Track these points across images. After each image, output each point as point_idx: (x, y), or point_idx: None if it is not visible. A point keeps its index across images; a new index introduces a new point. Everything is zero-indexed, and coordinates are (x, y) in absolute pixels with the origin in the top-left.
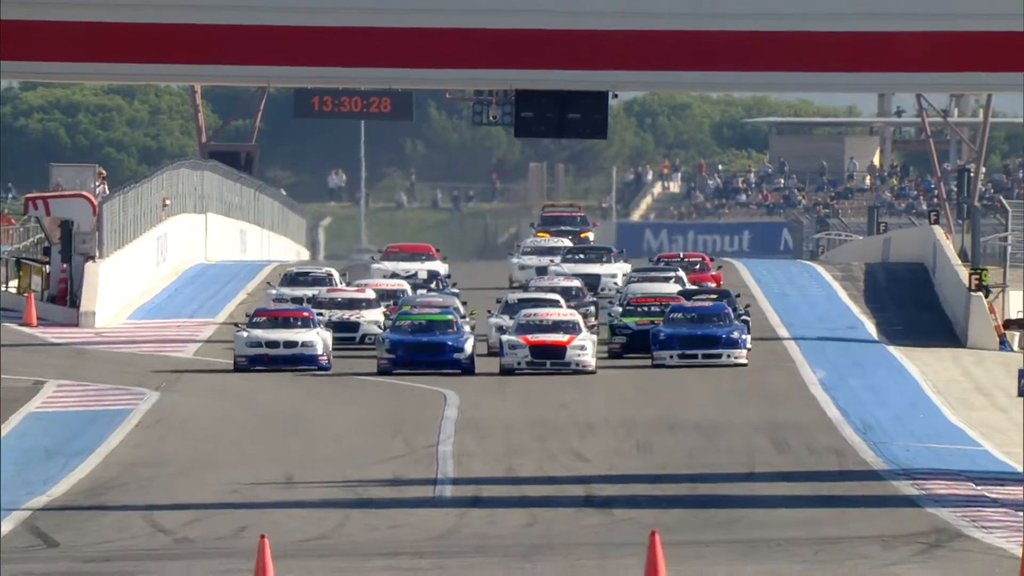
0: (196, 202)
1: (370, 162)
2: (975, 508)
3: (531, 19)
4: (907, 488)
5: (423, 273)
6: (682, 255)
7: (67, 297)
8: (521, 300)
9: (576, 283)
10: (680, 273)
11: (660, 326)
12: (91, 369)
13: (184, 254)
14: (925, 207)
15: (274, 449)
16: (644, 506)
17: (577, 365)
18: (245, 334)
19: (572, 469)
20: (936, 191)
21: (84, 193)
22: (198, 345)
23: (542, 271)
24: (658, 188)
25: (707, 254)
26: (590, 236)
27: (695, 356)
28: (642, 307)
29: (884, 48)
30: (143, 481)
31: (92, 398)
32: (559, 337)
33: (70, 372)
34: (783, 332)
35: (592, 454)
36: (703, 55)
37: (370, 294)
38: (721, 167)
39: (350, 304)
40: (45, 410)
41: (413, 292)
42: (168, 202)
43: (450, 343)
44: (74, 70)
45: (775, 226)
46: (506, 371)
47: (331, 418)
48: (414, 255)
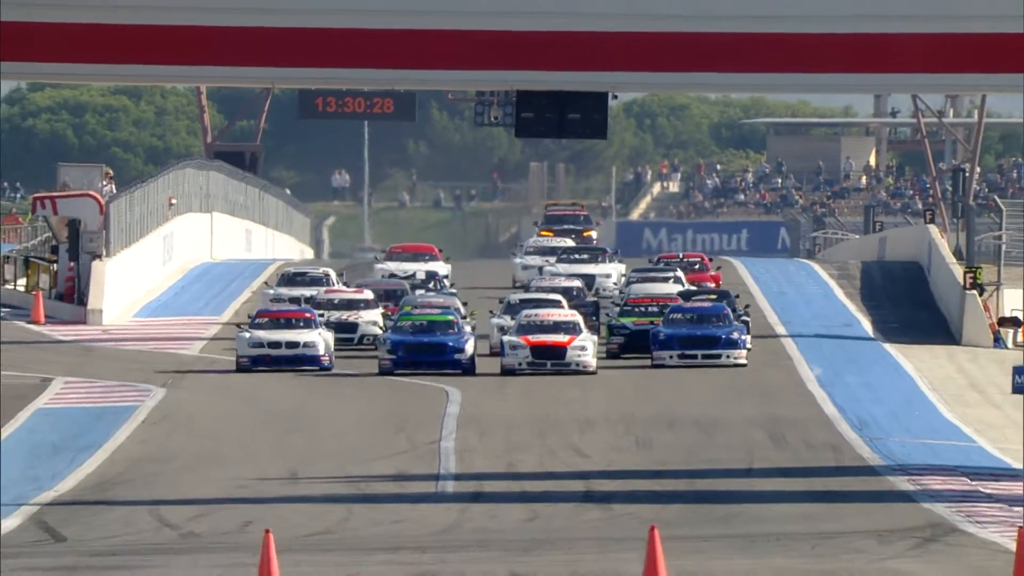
0: (202, 201)
1: (373, 162)
2: (970, 503)
3: (531, 21)
4: (903, 483)
5: (421, 273)
6: (681, 255)
7: (74, 295)
8: (523, 300)
9: (577, 283)
10: (679, 273)
11: (660, 326)
12: (98, 366)
13: (190, 253)
14: (920, 206)
15: (278, 445)
16: (643, 501)
17: (578, 365)
18: (247, 335)
19: (572, 465)
20: (931, 190)
21: (91, 193)
22: (203, 342)
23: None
24: (657, 188)
25: (705, 253)
26: (593, 235)
27: (695, 356)
28: (639, 307)
29: (882, 49)
30: (149, 477)
31: (99, 395)
32: (560, 338)
33: (77, 369)
34: (780, 330)
35: (592, 450)
36: (702, 56)
37: (368, 295)
38: (719, 167)
39: (348, 305)
40: (53, 406)
41: (412, 292)
42: (174, 201)
43: (451, 344)
44: (76, 71)
45: (773, 225)
46: (507, 371)
47: (334, 415)
48: (417, 255)
